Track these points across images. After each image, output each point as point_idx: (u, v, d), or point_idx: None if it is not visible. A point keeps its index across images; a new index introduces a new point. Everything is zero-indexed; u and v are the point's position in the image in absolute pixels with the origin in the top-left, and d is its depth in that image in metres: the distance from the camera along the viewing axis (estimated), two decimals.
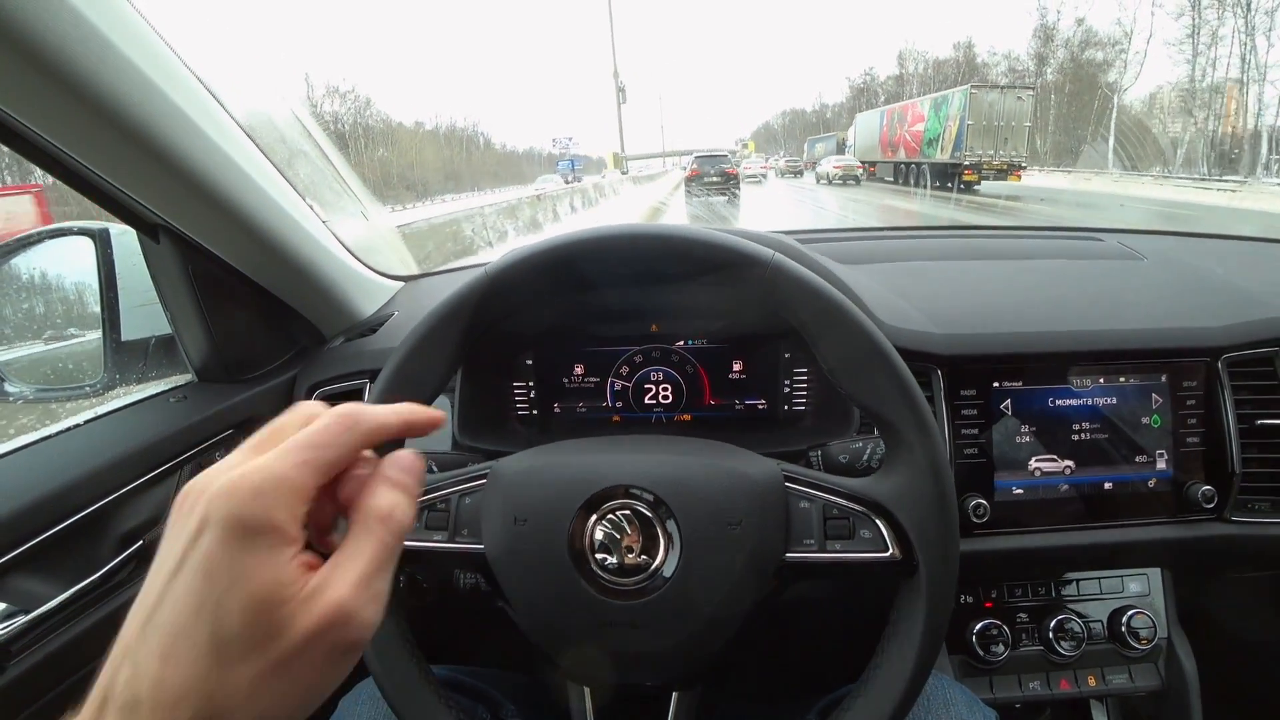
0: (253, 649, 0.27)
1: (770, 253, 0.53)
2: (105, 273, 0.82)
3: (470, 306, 0.54)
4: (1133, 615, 0.82)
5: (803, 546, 0.50)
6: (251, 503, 0.28)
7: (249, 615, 0.27)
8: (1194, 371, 0.82)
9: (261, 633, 0.27)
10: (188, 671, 0.26)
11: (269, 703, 0.28)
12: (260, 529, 0.28)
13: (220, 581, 0.27)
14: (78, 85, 0.52)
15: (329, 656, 0.29)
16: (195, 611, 0.27)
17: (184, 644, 0.27)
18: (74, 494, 0.64)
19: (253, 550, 0.28)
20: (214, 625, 0.27)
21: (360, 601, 0.29)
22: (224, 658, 0.27)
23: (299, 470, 0.29)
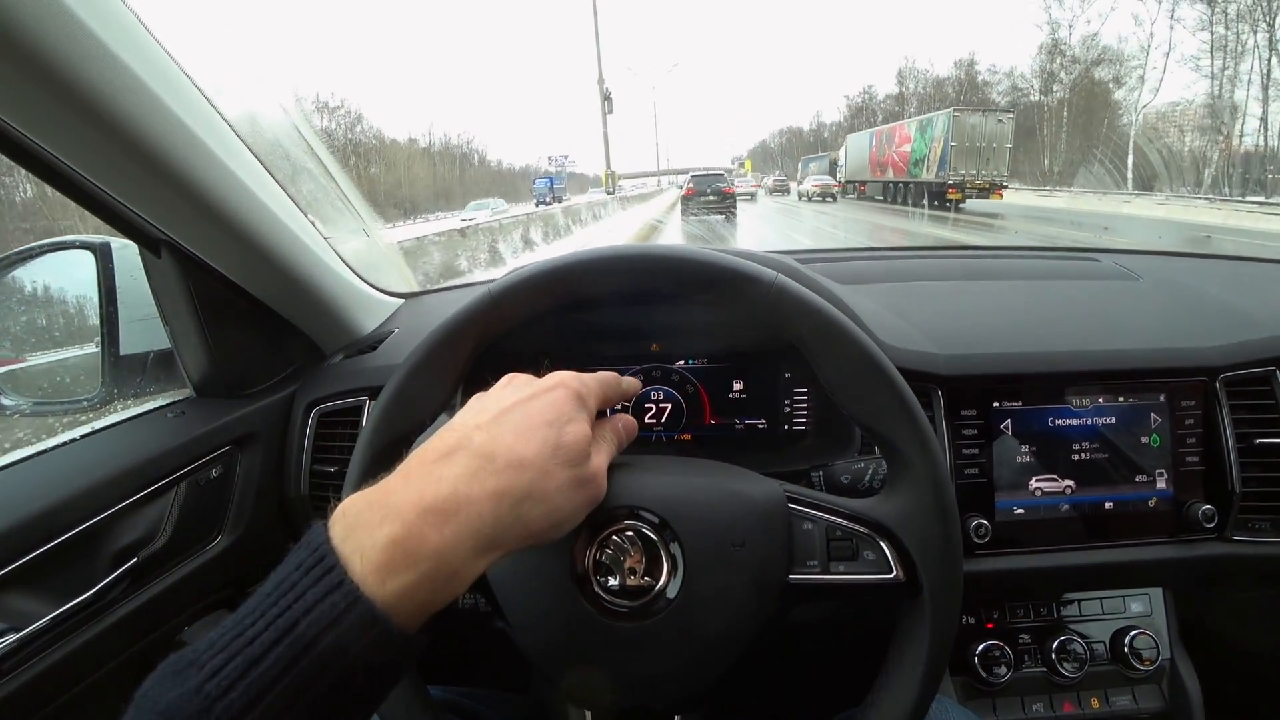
0: (572, 462, 0.41)
1: (772, 274, 0.53)
2: (105, 286, 0.82)
3: (474, 326, 0.54)
4: (1135, 635, 0.82)
5: (806, 568, 0.50)
6: (583, 385, 0.46)
7: (578, 441, 0.42)
8: (1192, 391, 0.82)
9: (579, 456, 0.42)
10: (536, 450, 0.40)
11: (562, 505, 0.41)
12: (584, 401, 0.45)
13: (564, 414, 0.43)
14: (84, 99, 0.53)
15: (588, 497, 0.44)
16: (547, 423, 0.41)
17: (536, 436, 0.40)
18: (68, 510, 0.63)
19: (579, 410, 0.44)
20: (558, 435, 0.41)
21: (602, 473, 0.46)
22: (557, 458, 0.40)
23: (601, 386, 0.49)
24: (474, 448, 0.38)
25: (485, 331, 0.54)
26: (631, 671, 0.49)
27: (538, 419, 0.41)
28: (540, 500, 0.39)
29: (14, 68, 0.48)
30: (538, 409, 0.42)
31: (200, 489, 0.77)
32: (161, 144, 0.60)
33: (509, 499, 0.37)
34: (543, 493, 0.39)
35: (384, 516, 0.34)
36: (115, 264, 0.82)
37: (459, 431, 0.40)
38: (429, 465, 0.37)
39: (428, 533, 0.34)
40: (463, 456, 0.38)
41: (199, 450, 0.77)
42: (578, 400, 0.45)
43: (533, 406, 0.42)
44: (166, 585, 0.72)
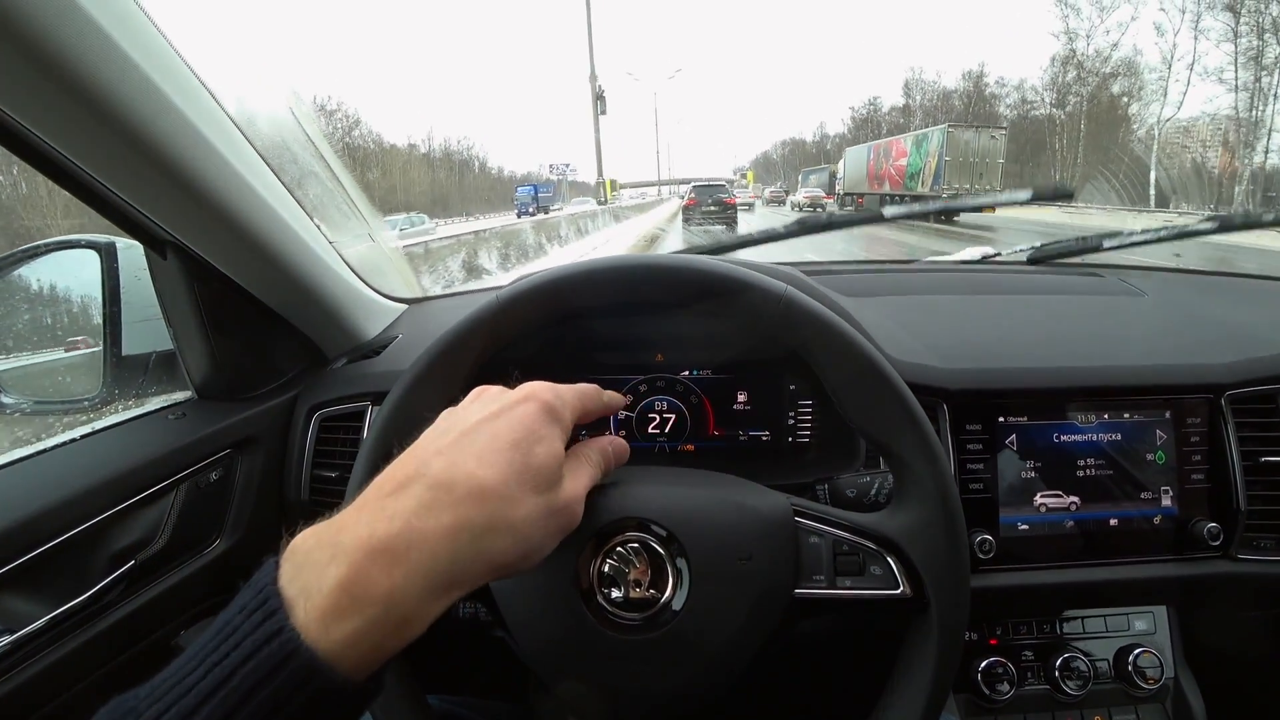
0: (540, 487, 0.38)
1: (782, 285, 0.53)
2: (109, 286, 0.82)
3: (478, 334, 0.53)
4: (1139, 654, 0.81)
5: (812, 582, 0.50)
6: (558, 398, 0.42)
7: (547, 464, 0.39)
8: (1197, 408, 0.82)
9: (549, 480, 0.39)
10: (500, 476, 0.36)
11: (530, 535, 0.38)
12: (557, 417, 0.41)
13: (533, 433, 0.39)
14: (94, 99, 0.53)
15: (559, 526, 0.40)
16: (513, 444, 0.38)
17: (500, 459, 0.37)
18: (66, 511, 0.63)
19: (551, 427, 0.40)
20: (525, 457, 0.38)
21: (577, 499, 0.42)
22: (524, 483, 0.37)
23: (579, 399, 0.45)
24: (430, 477, 0.35)
25: (490, 340, 0.54)
26: (634, 685, 0.48)
27: (503, 439, 0.38)
28: (505, 532, 0.36)
29: (26, 67, 0.49)
30: (504, 428, 0.38)
31: (200, 492, 0.76)
32: (170, 145, 0.60)
33: (468, 533, 0.34)
34: (507, 523, 0.36)
35: (333, 556, 0.31)
36: (120, 264, 0.82)
37: (417, 458, 0.37)
38: (382, 499, 0.34)
39: (376, 575, 0.31)
40: (417, 488, 0.34)
41: (199, 453, 0.76)
42: (549, 415, 0.41)
43: (498, 425, 0.39)
44: (164, 589, 0.71)
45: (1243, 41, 28.66)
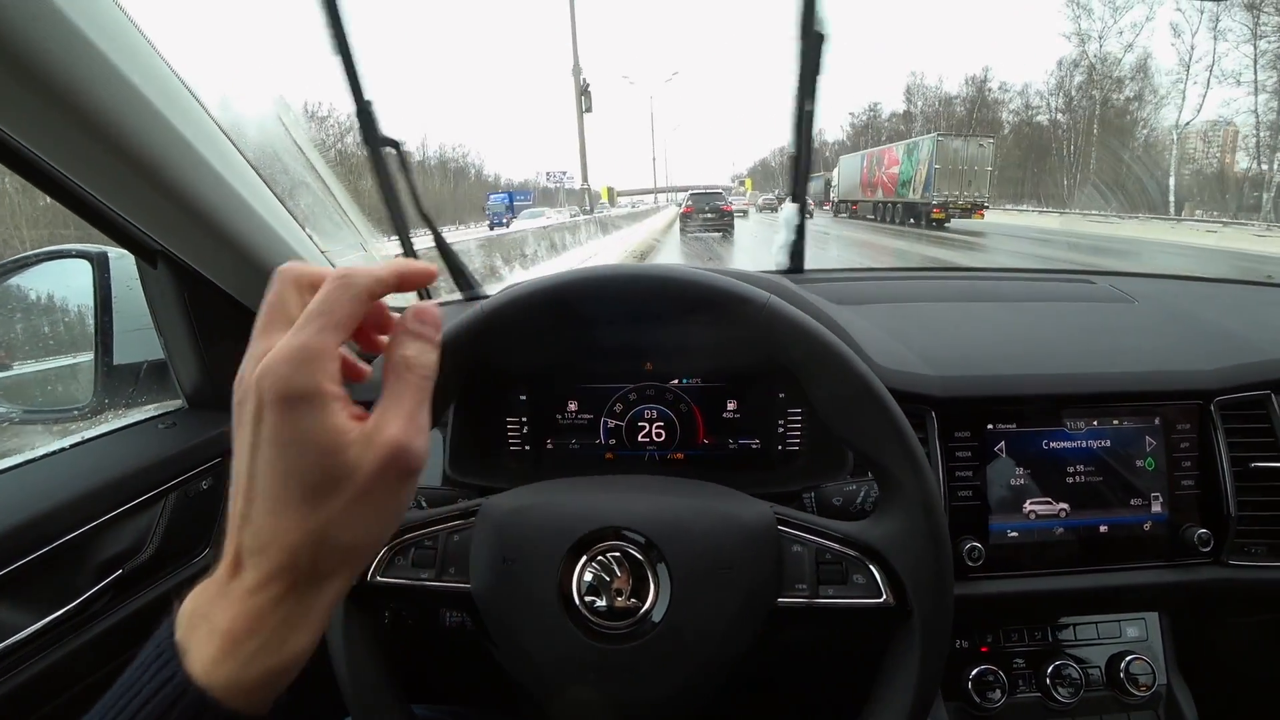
0: (334, 489, 0.33)
1: (764, 294, 0.53)
2: (101, 296, 0.82)
3: (465, 343, 0.54)
4: (1131, 661, 0.81)
5: (795, 591, 0.50)
6: (292, 376, 0.32)
7: (323, 463, 0.33)
8: (1187, 414, 0.82)
9: (337, 474, 0.33)
10: (293, 518, 0.33)
11: (360, 527, 0.34)
12: (305, 395, 0.32)
13: (291, 446, 0.32)
14: (84, 110, 0.53)
15: (397, 483, 0.35)
16: (283, 476, 0.33)
17: (282, 501, 0.33)
18: (55, 520, 0.63)
19: (306, 413, 0.32)
20: (299, 480, 0.33)
21: (410, 434, 0.35)
22: (315, 501, 0.33)
23: (319, 337, 0.33)
24: (248, 547, 0.33)
25: (477, 348, 0.54)
26: (619, 694, 0.48)
27: (274, 475, 0.33)
28: (341, 542, 0.34)
29: (14, 79, 0.49)
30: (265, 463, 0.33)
31: (189, 501, 0.76)
32: (159, 155, 0.61)
33: (304, 576, 0.33)
34: (339, 543, 0.34)
35: (210, 614, 0.33)
36: (112, 274, 0.83)
37: (233, 530, 0.34)
38: (227, 584, 0.33)
39: (253, 625, 0.32)
40: (248, 570, 0.33)
41: (189, 462, 0.76)
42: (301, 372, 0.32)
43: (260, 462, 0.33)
44: (152, 598, 0.71)
45: (1263, 43, 27.61)
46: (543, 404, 0.83)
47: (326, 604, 0.35)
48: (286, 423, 0.32)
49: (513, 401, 0.83)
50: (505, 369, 0.79)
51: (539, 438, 0.84)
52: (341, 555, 0.35)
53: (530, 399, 0.83)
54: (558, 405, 0.83)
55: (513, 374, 0.82)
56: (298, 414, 0.32)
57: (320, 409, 0.33)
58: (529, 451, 0.84)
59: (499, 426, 0.83)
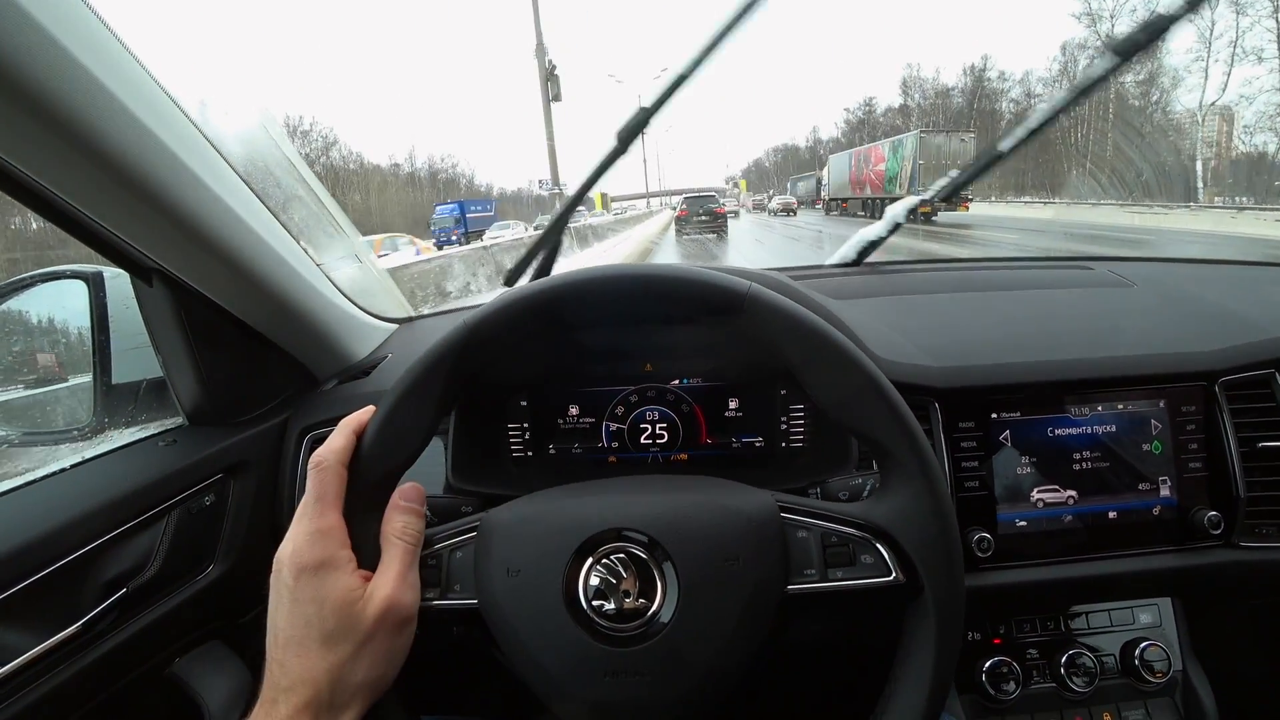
0: (345, 636, 0.44)
1: (745, 284, 0.53)
2: (98, 316, 0.82)
3: (451, 357, 0.53)
4: (1146, 647, 0.80)
5: (804, 577, 0.49)
6: (306, 553, 0.45)
7: (336, 615, 0.44)
8: (1192, 396, 0.81)
9: (348, 625, 0.44)
10: (313, 660, 0.43)
11: (368, 667, 0.45)
12: (319, 565, 0.45)
13: (311, 604, 0.44)
14: (73, 129, 0.53)
15: (395, 631, 0.46)
16: (305, 626, 0.44)
17: (305, 646, 0.44)
18: (56, 540, 0.62)
19: (320, 578, 0.45)
20: (319, 628, 0.44)
21: (400, 592, 0.47)
22: (330, 646, 0.44)
23: (319, 519, 0.47)
24: (279, 685, 0.43)
25: (465, 360, 0.54)
26: (632, 697, 0.48)
27: (298, 625, 0.44)
28: (352, 683, 0.44)
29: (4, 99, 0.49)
30: (289, 614, 0.45)
31: (192, 518, 0.76)
32: (151, 172, 0.60)
33: (323, 706, 0.43)
34: (350, 678, 0.44)
35: None
36: (108, 293, 0.83)
37: (270, 672, 0.45)
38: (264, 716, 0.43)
39: None
40: (280, 707, 0.43)
41: (191, 479, 0.76)
42: (313, 548, 0.46)
43: (284, 614, 0.45)
44: (157, 616, 0.71)
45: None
46: (544, 409, 0.83)
47: None
48: (305, 585, 0.44)
49: (513, 408, 0.82)
50: (505, 375, 0.79)
51: (541, 443, 0.83)
52: (354, 690, 0.44)
53: (531, 404, 0.83)
54: (559, 410, 0.83)
55: (513, 380, 0.81)
56: (314, 578, 0.45)
57: (332, 572, 0.45)
58: (531, 458, 0.83)
59: (500, 433, 0.83)
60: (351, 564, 0.46)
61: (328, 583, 0.45)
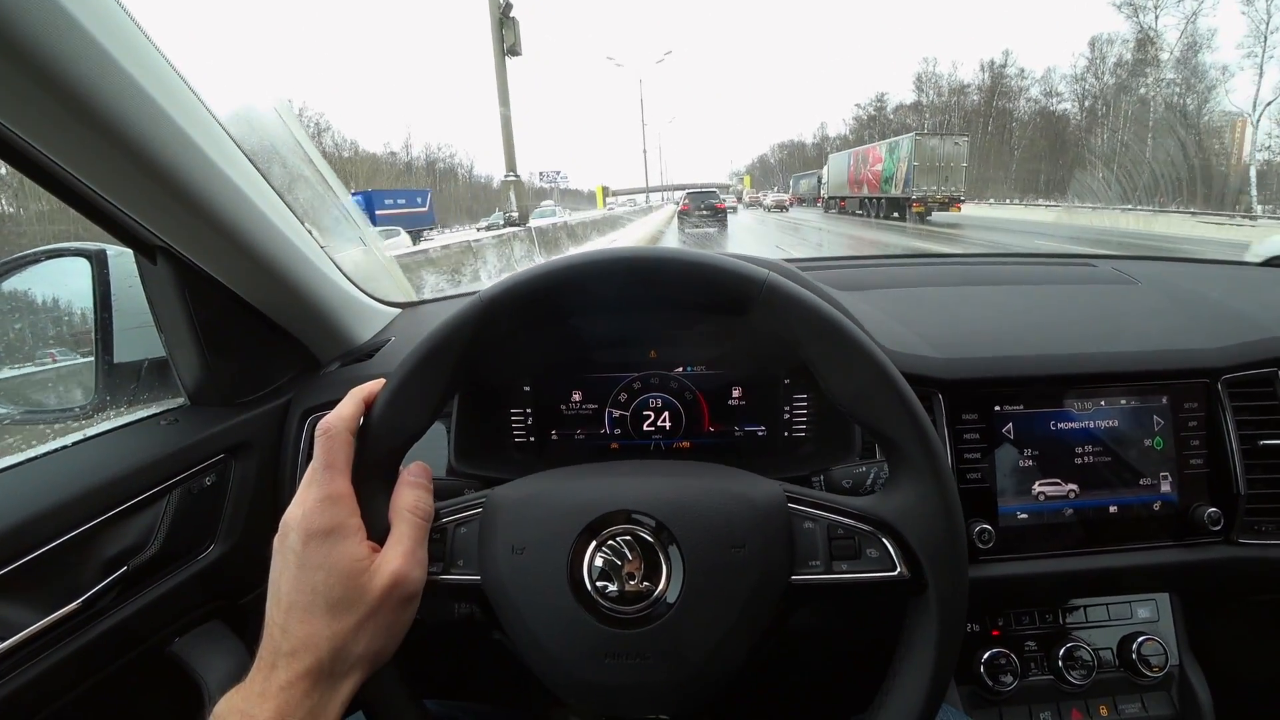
0: (351, 606, 0.44)
1: (764, 272, 0.53)
2: (100, 294, 0.81)
3: (464, 334, 0.53)
4: (1143, 642, 0.80)
5: (808, 568, 0.49)
6: (316, 518, 0.45)
7: (343, 584, 0.44)
8: (1194, 393, 0.82)
9: (354, 594, 0.44)
10: (318, 626, 0.43)
11: (370, 639, 0.44)
12: (329, 531, 0.45)
13: (319, 570, 0.44)
14: (81, 103, 0.53)
15: (400, 606, 0.46)
16: (311, 590, 0.43)
17: (310, 611, 0.43)
18: (57, 517, 0.62)
19: (330, 544, 0.44)
20: (325, 596, 0.43)
21: (409, 567, 0.46)
22: (335, 614, 0.43)
23: (329, 485, 0.46)
24: (282, 649, 0.43)
25: (474, 341, 0.53)
26: (634, 680, 0.48)
27: (304, 590, 0.44)
28: (354, 653, 0.44)
29: (13, 71, 0.48)
30: (295, 579, 0.44)
31: (193, 498, 0.76)
32: (158, 149, 0.60)
33: (326, 674, 0.43)
34: (352, 648, 0.44)
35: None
36: (111, 271, 0.82)
37: (270, 635, 0.44)
38: (264, 682, 0.42)
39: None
40: (280, 671, 0.42)
41: (192, 458, 0.76)
42: (322, 513, 0.45)
43: (292, 579, 0.44)
44: (157, 595, 0.71)
45: None
46: (547, 394, 0.83)
47: (343, 699, 0.44)
48: (313, 550, 0.44)
49: (517, 392, 0.82)
50: (509, 359, 0.79)
51: (543, 428, 0.83)
52: (355, 661, 0.44)
53: (534, 389, 0.82)
54: (562, 395, 0.83)
55: (517, 364, 0.81)
56: (321, 543, 0.44)
57: (342, 540, 0.45)
58: (533, 443, 0.83)
59: (503, 418, 0.82)
60: (361, 533, 0.46)
61: (337, 549, 0.44)
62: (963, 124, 53.91)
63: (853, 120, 76.48)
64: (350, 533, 0.45)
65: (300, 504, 0.46)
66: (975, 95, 57.25)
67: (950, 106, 59.50)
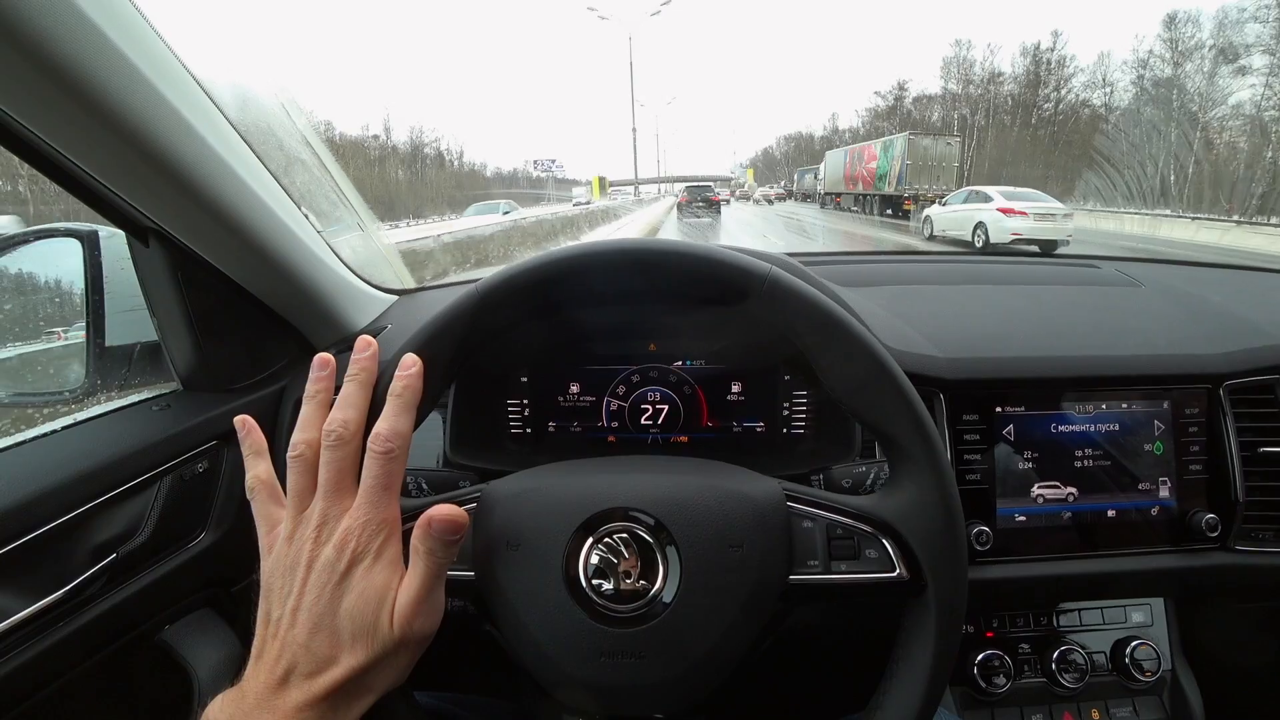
0: (373, 637, 0.42)
1: (766, 266, 0.52)
2: (92, 276, 0.80)
3: (461, 323, 0.52)
4: (1136, 646, 0.80)
5: (807, 568, 0.49)
6: (367, 540, 0.43)
7: (372, 612, 0.42)
8: (1196, 399, 0.81)
9: (375, 626, 0.42)
10: (340, 650, 0.41)
11: (383, 674, 0.43)
12: (376, 554, 0.43)
13: (351, 592, 0.42)
14: (73, 82, 0.51)
15: (410, 648, 0.44)
16: (343, 613, 0.42)
17: (336, 634, 0.41)
18: (45, 504, 0.61)
19: (370, 569, 0.43)
20: (352, 620, 0.41)
21: (417, 614, 0.43)
22: (358, 642, 0.42)
23: (387, 509, 0.45)
24: (296, 678, 0.41)
25: (472, 331, 0.52)
26: (628, 679, 0.47)
27: (345, 619, 0.42)
28: (366, 683, 0.42)
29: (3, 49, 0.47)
30: (335, 600, 0.42)
31: (185, 484, 0.75)
32: (152, 129, 0.59)
33: (341, 696, 0.41)
34: (368, 679, 0.42)
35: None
36: (103, 253, 0.81)
37: (278, 654, 0.41)
38: (271, 698, 0.40)
39: None
40: (294, 692, 0.40)
41: (184, 445, 0.75)
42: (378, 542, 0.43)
43: (328, 596, 0.42)
44: (147, 582, 0.70)
45: None
46: (544, 386, 0.82)
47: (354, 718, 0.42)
48: (357, 575, 0.42)
49: (514, 383, 0.81)
50: (507, 349, 0.78)
51: (540, 420, 0.82)
52: (367, 688, 0.43)
53: (531, 381, 0.82)
54: (559, 387, 0.82)
55: (514, 355, 0.80)
56: (367, 569, 0.42)
57: (379, 567, 0.43)
58: (530, 434, 0.82)
59: (500, 409, 0.82)
60: (399, 562, 0.44)
61: (372, 574, 0.42)
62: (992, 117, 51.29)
63: (865, 112, 72.51)
64: (390, 561, 0.44)
65: (353, 518, 0.43)
66: (1011, 85, 52.90)
67: (979, 98, 54.97)
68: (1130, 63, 40.02)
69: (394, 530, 0.44)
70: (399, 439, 0.45)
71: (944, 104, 59.64)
